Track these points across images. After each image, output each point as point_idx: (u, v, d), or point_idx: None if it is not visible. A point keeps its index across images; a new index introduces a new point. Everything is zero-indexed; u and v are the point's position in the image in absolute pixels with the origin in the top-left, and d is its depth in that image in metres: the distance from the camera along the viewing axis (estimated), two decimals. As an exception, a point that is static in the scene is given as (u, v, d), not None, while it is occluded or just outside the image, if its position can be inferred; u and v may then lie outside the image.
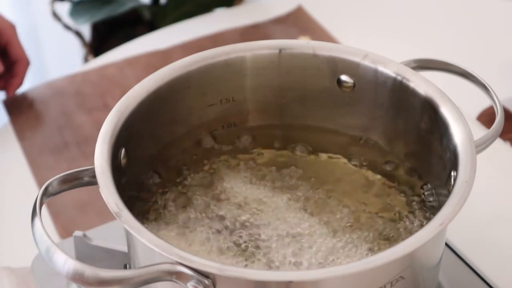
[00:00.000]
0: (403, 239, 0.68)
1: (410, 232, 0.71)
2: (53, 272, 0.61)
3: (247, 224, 0.72)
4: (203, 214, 0.72)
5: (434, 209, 0.73)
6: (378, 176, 0.77)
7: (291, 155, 0.79)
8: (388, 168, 0.77)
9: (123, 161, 0.70)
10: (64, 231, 0.92)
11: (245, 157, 0.78)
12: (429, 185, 0.74)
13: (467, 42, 1.19)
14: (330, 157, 0.78)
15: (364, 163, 0.78)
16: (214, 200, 0.74)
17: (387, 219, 0.72)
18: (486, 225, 0.89)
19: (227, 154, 0.78)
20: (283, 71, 0.78)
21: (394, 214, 0.73)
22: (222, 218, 0.72)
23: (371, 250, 0.69)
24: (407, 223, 0.72)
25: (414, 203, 0.74)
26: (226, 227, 0.71)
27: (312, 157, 0.79)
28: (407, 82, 0.74)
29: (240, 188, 0.75)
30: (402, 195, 0.75)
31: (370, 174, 0.77)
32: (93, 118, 1.07)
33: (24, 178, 1.00)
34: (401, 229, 0.71)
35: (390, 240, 0.70)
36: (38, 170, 1.00)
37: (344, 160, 0.78)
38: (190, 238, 0.70)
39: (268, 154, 0.79)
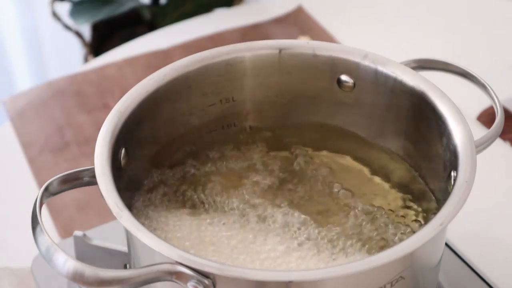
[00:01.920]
0: (401, 240, 0.68)
1: (409, 233, 0.71)
2: (53, 272, 0.61)
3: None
4: (202, 213, 0.73)
5: (433, 209, 0.73)
6: (377, 176, 0.77)
7: (291, 155, 0.79)
8: (387, 167, 0.77)
9: (123, 161, 0.70)
10: (64, 231, 0.92)
11: (245, 157, 0.78)
12: (428, 185, 0.74)
13: (467, 42, 1.19)
14: (330, 157, 0.78)
15: (363, 163, 0.78)
16: (213, 199, 0.74)
17: (385, 218, 0.72)
18: (486, 225, 0.89)
19: (226, 154, 0.78)
20: (283, 71, 0.78)
21: (393, 213, 0.73)
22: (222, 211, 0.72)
23: (370, 249, 0.69)
24: (406, 222, 0.72)
25: (412, 202, 0.74)
26: (224, 224, 0.71)
27: (312, 156, 0.79)
28: (407, 82, 0.74)
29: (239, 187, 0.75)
30: (401, 194, 0.75)
31: (369, 173, 0.77)
32: (93, 118, 1.07)
33: (24, 178, 1.00)
34: (400, 229, 0.71)
35: (387, 240, 0.70)
36: (38, 170, 1.00)
37: (344, 160, 0.78)
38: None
39: (267, 154, 0.79)
